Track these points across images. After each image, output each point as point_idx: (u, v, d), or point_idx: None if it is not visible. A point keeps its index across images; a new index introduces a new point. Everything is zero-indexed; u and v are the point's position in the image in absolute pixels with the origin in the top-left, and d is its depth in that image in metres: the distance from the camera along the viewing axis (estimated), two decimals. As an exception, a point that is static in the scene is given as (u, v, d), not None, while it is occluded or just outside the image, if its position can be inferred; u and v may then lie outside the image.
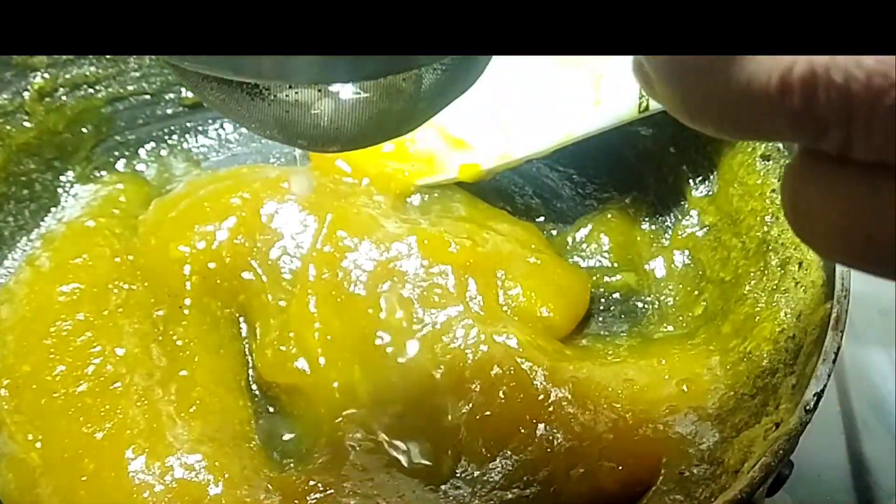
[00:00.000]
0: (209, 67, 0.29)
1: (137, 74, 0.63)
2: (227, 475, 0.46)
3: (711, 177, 0.56)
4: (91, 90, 0.62)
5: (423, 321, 0.51)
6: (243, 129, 0.66)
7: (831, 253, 0.24)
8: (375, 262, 0.53)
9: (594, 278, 0.57)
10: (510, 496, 0.47)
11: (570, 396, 0.48)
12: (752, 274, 0.50)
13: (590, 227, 0.59)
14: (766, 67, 0.22)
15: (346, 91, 0.31)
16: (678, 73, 0.24)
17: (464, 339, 0.50)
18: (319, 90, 0.31)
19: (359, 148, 0.35)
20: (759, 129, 0.23)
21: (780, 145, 0.50)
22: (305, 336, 0.52)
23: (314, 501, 0.46)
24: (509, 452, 0.47)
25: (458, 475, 0.48)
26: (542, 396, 0.48)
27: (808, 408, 0.39)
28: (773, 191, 0.50)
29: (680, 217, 0.58)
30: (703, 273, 0.55)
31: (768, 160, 0.51)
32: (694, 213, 0.57)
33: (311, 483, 0.47)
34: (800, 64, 0.21)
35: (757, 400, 0.45)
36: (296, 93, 0.31)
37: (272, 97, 0.31)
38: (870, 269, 0.24)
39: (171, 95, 0.64)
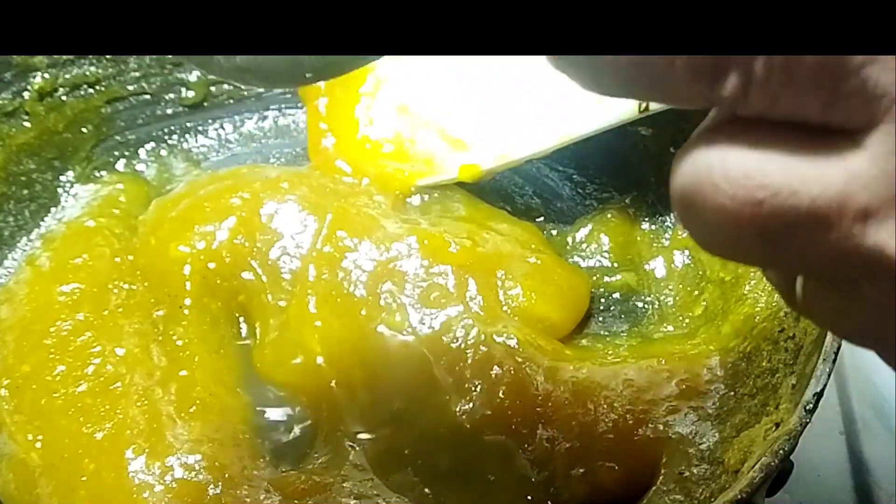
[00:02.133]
0: None
1: (137, 74, 0.63)
2: (227, 475, 0.46)
3: (711, 176, 0.56)
4: (91, 90, 0.62)
5: (423, 321, 0.51)
6: (243, 129, 0.66)
7: (716, 238, 0.22)
8: (375, 262, 0.53)
9: (594, 278, 0.57)
10: (510, 496, 0.47)
11: (570, 396, 0.48)
12: (751, 274, 0.50)
13: (590, 227, 0.59)
14: None
15: None
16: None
17: (464, 339, 0.50)
18: None
19: (279, 85, 0.32)
20: (656, 78, 0.22)
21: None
22: (305, 336, 0.52)
23: (314, 501, 0.46)
24: (509, 452, 0.47)
25: (457, 475, 0.48)
26: (542, 396, 0.48)
27: (808, 408, 0.39)
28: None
29: (680, 217, 0.57)
30: (703, 273, 0.55)
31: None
32: (694, 213, 0.57)
33: (311, 483, 0.47)
34: None
35: (757, 400, 0.45)
36: None
37: None
38: (753, 253, 0.22)
39: (171, 95, 0.64)
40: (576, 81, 0.24)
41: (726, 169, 0.21)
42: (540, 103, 0.56)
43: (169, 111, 0.64)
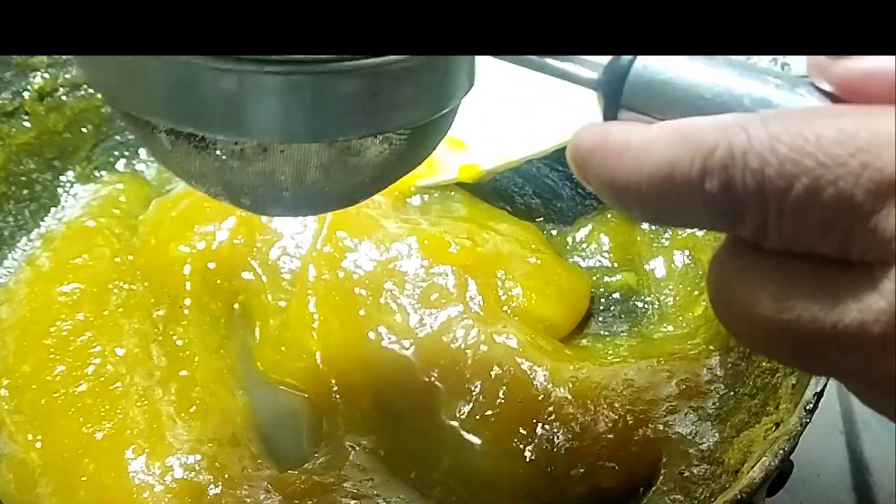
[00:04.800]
0: (167, 119, 0.29)
1: (137, 74, 0.63)
2: (227, 475, 0.46)
3: (711, 176, 0.56)
4: (91, 90, 0.62)
5: (423, 321, 0.51)
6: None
7: (751, 343, 0.24)
8: (375, 262, 0.53)
9: (594, 278, 0.57)
10: (510, 496, 0.47)
11: (570, 396, 0.48)
12: (752, 274, 0.50)
13: (590, 227, 0.59)
14: (690, 150, 0.22)
15: (295, 152, 0.30)
16: (606, 158, 0.24)
17: (464, 339, 0.50)
18: (265, 150, 0.30)
19: (300, 214, 0.35)
20: (678, 213, 0.24)
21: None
22: (305, 336, 0.52)
23: (314, 501, 0.46)
24: (509, 452, 0.47)
25: (457, 475, 0.48)
26: (542, 396, 0.48)
27: (808, 408, 0.39)
28: (773, 191, 0.50)
29: (680, 217, 0.57)
30: (703, 273, 0.55)
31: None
32: (694, 213, 0.57)
33: (311, 483, 0.47)
34: (721, 148, 0.22)
35: (757, 400, 0.45)
36: (241, 149, 0.30)
37: (217, 151, 0.30)
38: (788, 361, 0.24)
39: (171, 95, 0.64)
40: (606, 200, 0.26)
41: (754, 291, 0.23)
42: (540, 103, 0.56)
43: (169, 111, 0.64)
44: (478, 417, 0.48)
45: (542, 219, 0.61)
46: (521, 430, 0.47)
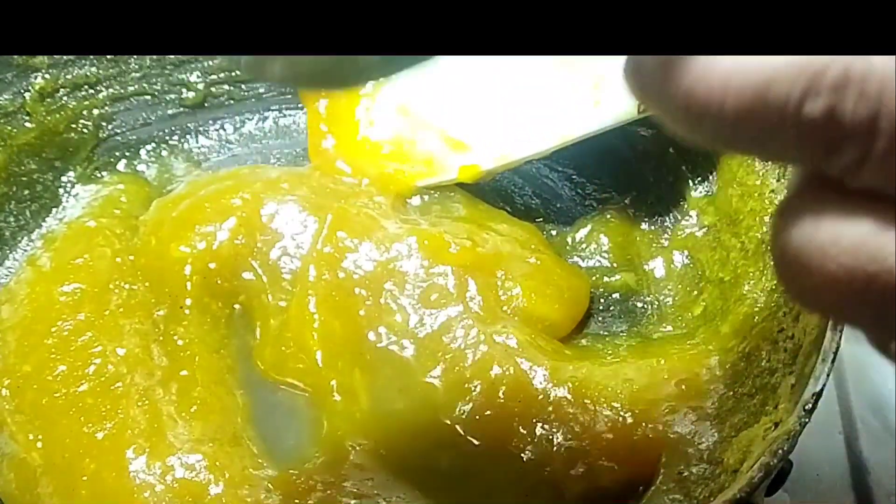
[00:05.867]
0: None
1: (138, 75, 0.63)
2: (227, 475, 0.47)
3: (711, 177, 0.56)
4: (92, 90, 0.62)
5: (422, 322, 0.51)
6: (244, 130, 0.66)
7: (826, 304, 0.22)
8: (375, 262, 0.53)
9: (594, 278, 0.57)
10: (510, 496, 0.47)
11: (570, 396, 0.48)
12: (751, 274, 0.50)
13: (589, 227, 0.59)
14: (795, 69, 0.20)
15: None
16: (690, 65, 0.22)
17: (464, 339, 0.50)
18: None
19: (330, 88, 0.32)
20: (758, 139, 0.21)
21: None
22: (305, 336, 0.52)
23: (314, 501, 0.46)
24: (509, 452, 0.47)
25: (457, 475, 0.48)
26: (542, 396, 0.48)
27: (807, 407, 0.39)
28: (773, 191, 0.50)
29: (679, 217, 0.58)
30: (702, 273, 0.55)
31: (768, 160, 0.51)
32: (693, 213, 0.57)
33: (311, 483, 0.47)
34: (835, 69, 0.20)
35: (756, 400, 0.45)
36: None
37: None
38: (866, 320, 0.22)
39: (172, 96, 0.64)
40: (670, 125, 0.23)
41: (837, 236, 0.21)
42: (540, 103, 0.56)
43: (170, 112, 0.64)
44: (478, 417, 0.48)
45: (541, 219, 0.61)
46: (521, 430, 0.47)
